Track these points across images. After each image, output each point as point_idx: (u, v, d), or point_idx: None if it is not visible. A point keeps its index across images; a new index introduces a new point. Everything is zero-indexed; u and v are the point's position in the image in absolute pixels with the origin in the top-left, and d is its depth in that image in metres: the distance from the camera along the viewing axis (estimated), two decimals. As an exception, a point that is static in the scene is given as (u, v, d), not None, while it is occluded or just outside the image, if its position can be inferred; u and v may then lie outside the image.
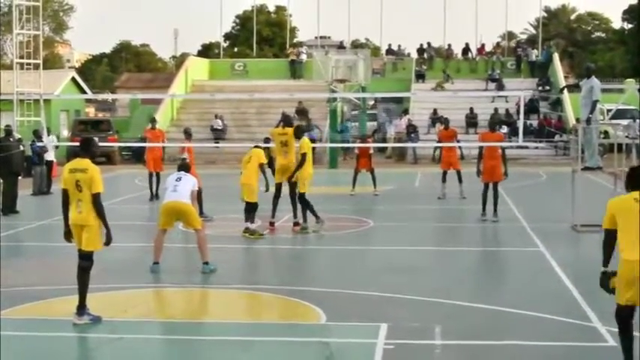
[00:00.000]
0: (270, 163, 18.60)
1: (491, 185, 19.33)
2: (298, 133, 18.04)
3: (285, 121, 18.67)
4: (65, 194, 10.51)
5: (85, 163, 10.48)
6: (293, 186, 17.87)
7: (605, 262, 8.29)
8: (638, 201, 8.04)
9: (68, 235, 10.66)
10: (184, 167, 14.69)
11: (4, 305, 11.31)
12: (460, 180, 23.06)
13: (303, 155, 17.53)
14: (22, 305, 11.49)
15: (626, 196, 8.30)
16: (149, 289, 12.84)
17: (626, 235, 8.01)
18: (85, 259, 10.41)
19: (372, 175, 25.38)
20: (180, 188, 13.80)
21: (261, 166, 17.21)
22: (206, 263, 13.69)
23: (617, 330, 8.42)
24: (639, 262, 7.83)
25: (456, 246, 16.56)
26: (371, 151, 26.14)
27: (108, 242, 10.55)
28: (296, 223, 17.98)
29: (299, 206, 17.82)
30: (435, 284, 13.01)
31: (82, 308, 10.40)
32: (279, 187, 18.07)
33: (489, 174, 19.27)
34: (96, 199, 10.28)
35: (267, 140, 18.98)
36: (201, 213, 19.43)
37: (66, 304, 11.74)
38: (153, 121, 26.64)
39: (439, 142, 24.53)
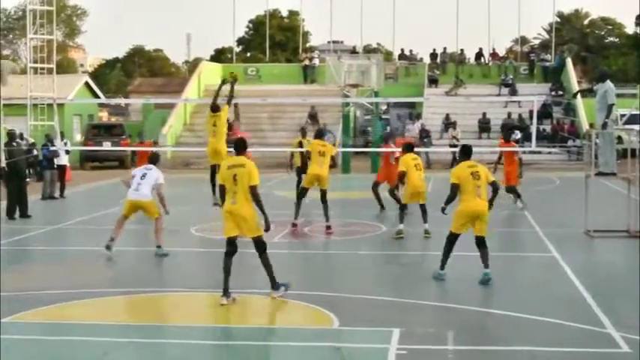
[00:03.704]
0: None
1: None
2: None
3: (321, 134, 19.90)
4: (223, 189, 11.69)
5: (243, 159, 11.76)
6: (324, 192, 18.53)
7: (447, 204, 13.08)
8: (470, 168, 12.78)
9: None
10: (153, 160, 16.45)
11: (15, 309, 11.33)
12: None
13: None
14: (33, 309, 11.48)
15: (463, 165, 12.89)
16: (161, 294, 12.82)
17: (464, 192, 12.74)
18: (260, 243, 11.75)
19: None
20: (142, 187, 15.73)
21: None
22: (159, 247, 15.68)
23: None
24: (471, 210, 12.74)
25: (469, 251, 16.48)
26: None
27: (267, 228, 11.73)
28: (328, 227, 18.47)
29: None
30: (448, 289, 12.97)
31: (274, 283, 11.81)
32: (306, 190, 18.86)
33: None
34: (254, 191, 11.52)
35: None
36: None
37: (77, 308, 11.78)
38: (140, 135, 27.50)
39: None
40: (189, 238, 18.23)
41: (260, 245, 11.81)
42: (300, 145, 23.64)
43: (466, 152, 13.20)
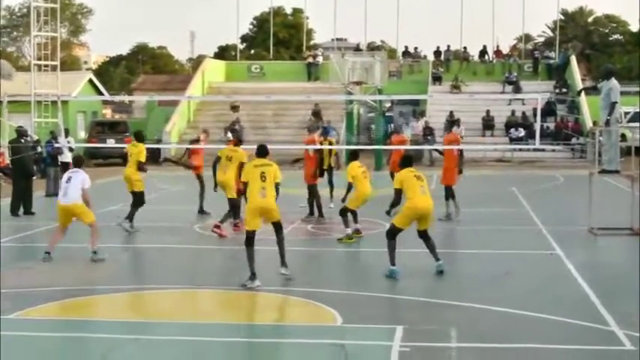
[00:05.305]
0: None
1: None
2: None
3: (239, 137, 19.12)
4: (246, 185, 13.14)
5: (267, 161, 13.26)
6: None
7: (392, 207, 15.05)
8: (412, 172, 13.64)
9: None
10: (77, 162, 15.90)
11: (19, 306, 11.35)
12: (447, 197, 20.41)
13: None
14: (37, 306, 11.50)
15: (405, 171, 13.72)
16: (166, 290, 12.84)
17: (410, 192, 13.42)
18: (280, 225, 13.18)
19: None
20: (69, 191, 15.07)
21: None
22: (94, 252, 14.94)
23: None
24: (419, 207, 13.36)
25: (472, 248, 16.50)
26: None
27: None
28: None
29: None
30: (451, 287, 12.97)
31: (284, 260, 13.29)
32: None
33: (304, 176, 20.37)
34: (278, 186, 13.12)
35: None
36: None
37: (80, 304, 11.80)
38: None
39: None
40: (193, 236, 18.24)
41: (279, 226, 13.20)
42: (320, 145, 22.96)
43: (407, 161, 14.11)
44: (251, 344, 10.01)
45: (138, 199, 18.59)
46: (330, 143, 22.07)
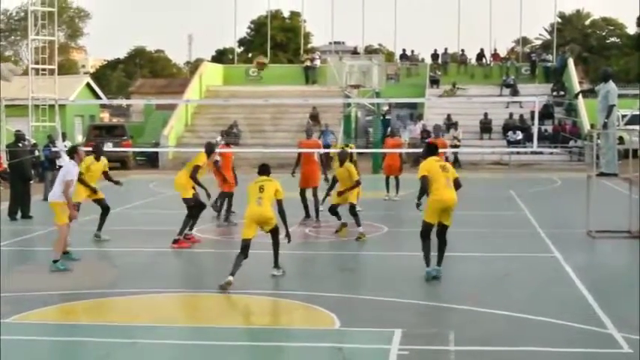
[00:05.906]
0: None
1: (311, 190, 20.47)
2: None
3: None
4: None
5: (268, 178, 13.50)
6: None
7: (420, 198, 13.26)
8: (438, 162, 13.39)
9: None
10: (69, 152, 15.48)
11: (18, 310, 11.33)
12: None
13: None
14: (34, 310, 11.48)
15: (431, 160, 13.36)
16: (163, 294, 12.83)
17: (436, 183, 13.02)
18: (277, 232, 13.48)
19: (397, 179, 25.04)
20: (54, 186, 14.62)
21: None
22: (54, 261, 14.20)
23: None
24: (444, 200, 13.02)
25: (470, 251, 16.49)
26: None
27: (289, 240, 13.76)
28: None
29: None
30: (449, 290, 12.95)
31: (277, 262, 13.67)
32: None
33: (305, 180, 20.56)
34: (281, 204, 13.43)
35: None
36: (226, 219, 19.52)
37: (78, 308, 11.78)
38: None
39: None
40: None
41: (276, 232, 13.51)
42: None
43: (432, 149, 13.79)
44: (249, 348, 9.99)
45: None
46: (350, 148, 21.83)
